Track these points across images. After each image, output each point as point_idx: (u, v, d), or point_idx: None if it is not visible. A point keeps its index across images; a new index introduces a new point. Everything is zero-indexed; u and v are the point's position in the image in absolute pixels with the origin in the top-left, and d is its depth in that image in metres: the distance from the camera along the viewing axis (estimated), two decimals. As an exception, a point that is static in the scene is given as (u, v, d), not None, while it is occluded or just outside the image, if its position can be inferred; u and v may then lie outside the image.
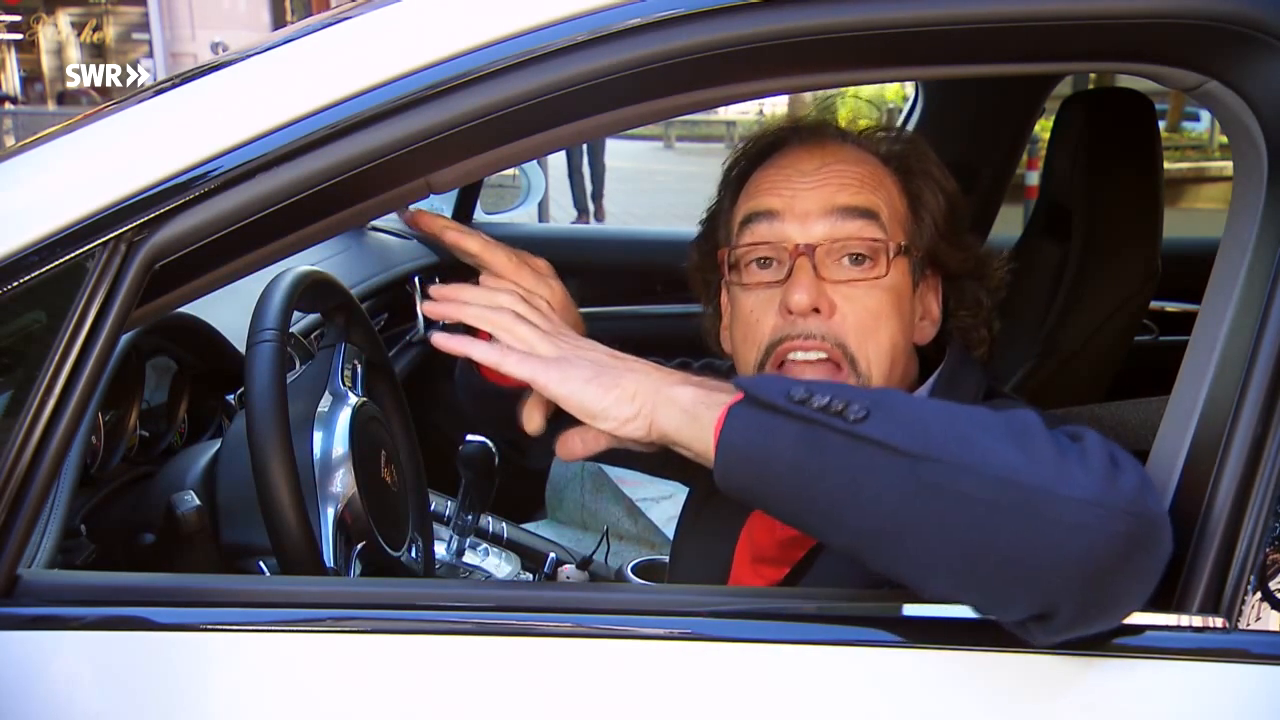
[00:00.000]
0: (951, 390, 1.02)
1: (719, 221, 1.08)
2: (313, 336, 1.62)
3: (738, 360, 1.03)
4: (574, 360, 0.84)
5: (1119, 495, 0.69)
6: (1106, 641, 0.76)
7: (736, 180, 1.06)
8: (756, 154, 1.06)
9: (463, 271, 0.99)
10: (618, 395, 0.81)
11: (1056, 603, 0.71)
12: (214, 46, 13.95)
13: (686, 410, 0.80)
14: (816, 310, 0.95)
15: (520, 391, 0.93)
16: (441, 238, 0.97)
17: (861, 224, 0.97)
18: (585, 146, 8.84)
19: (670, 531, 2.97)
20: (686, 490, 1.25)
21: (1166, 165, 1.89)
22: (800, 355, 0.95)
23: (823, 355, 0.95)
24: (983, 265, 1.06)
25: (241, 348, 1.12)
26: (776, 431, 0.75)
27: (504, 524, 1.97)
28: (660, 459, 1.00)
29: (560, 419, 0.95)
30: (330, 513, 1.11)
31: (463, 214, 2.57)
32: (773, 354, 0.97)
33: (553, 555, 1.96)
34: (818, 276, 0.96)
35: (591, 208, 9.13)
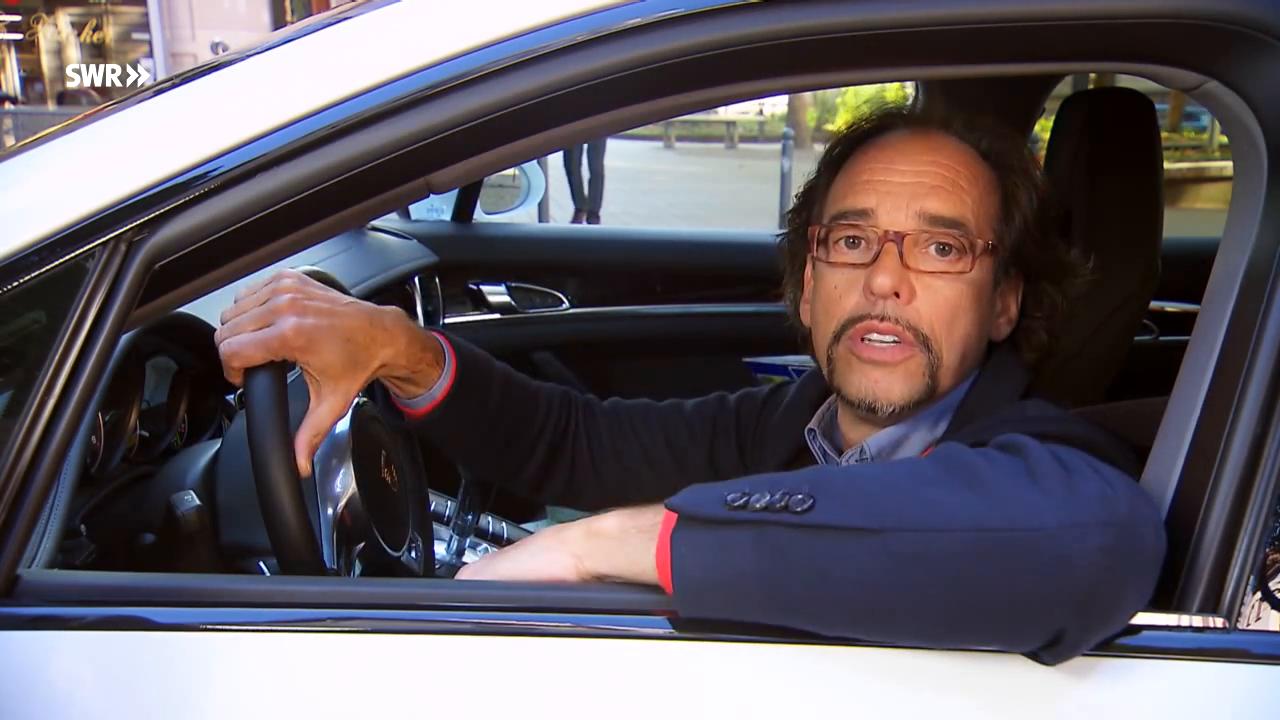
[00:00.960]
0: (993, 387, 1.05)
1: (814, 197, 1.12)
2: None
3: (815, 331, 1.08)
4: None
5: (1085, 510, 0.69)
6: (1107, 641, 0.76)
7: (837, 160, 1.10)
8: (859, 137, 1.09)
9: (462, 271, 0.99)
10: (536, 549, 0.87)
11: (1059, 629, 0.71)
12: (214, 46, 13.95)
13: (614, 538, 0.82)
14: (897, 294, 0.99)
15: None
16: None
17: (949, 230, 1.00)
18: (585, 147, 8.84)
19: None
20: None
21: (1166, 165, 1.88)
22: (876, 338, 1.00)
23: (896, 339, 1.00)
24: (1065, 270, 1.09)
25: (242, 348, 1.12)
26: (729, 547, 0.73)
27: (504, 524, 1.97)
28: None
29: None
30: (330, 513, 1.11)
31: (463, 214, 2.58)
32: (850, 329, 1.01)
33: (553, 555, 1.95)
34: (903, 263, 0.99)
35: (587, 207, 9.11)
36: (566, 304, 2.54)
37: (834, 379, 1.05)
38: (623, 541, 0.81)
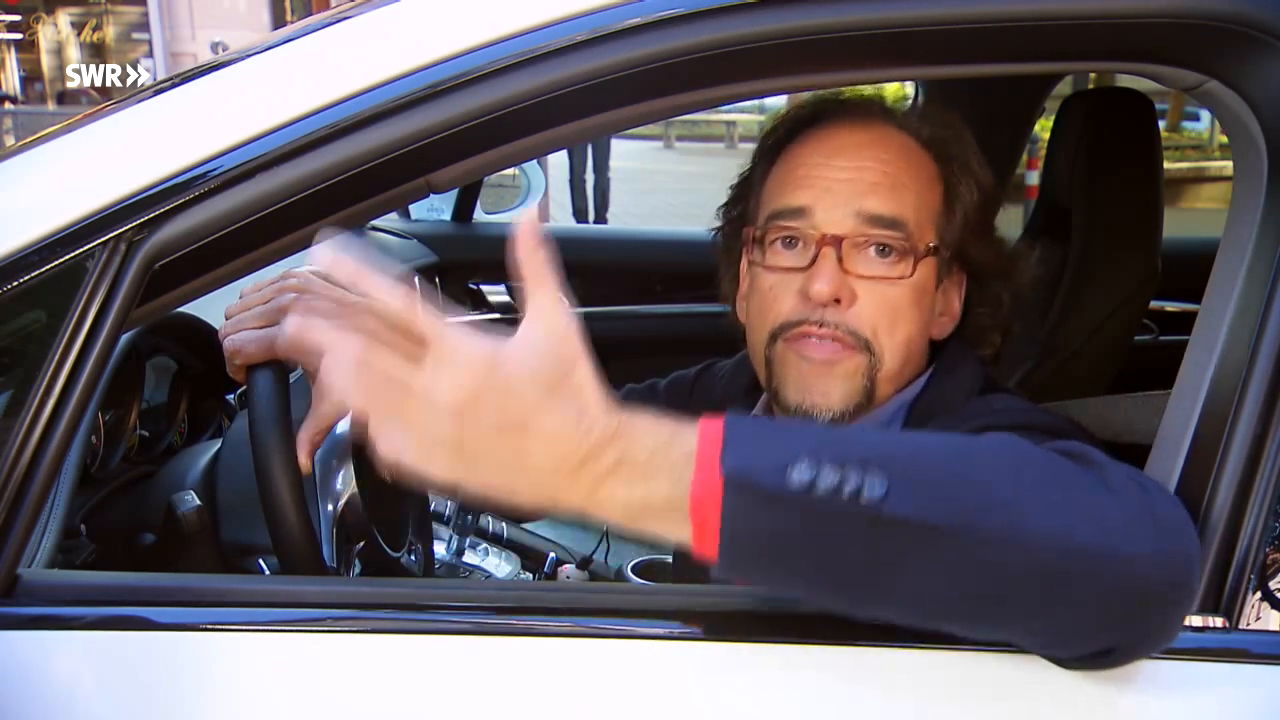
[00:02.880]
0: (948, 383, 1.01)
1: (749, 190, 1.08)
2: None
3: (749, 331, 1.04)
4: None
5: (1166, 539, 0.66)
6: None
7: (772, 150, 1.05)
8: (796, 125, 1.04)
9: (462, 271, 0.99)
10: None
11: (1110, 648, 0.70)
12: (214, 46, 13.94)
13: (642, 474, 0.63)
14: (837, 300, 0.95)
15: None
16: None
17: (888, 232, 0.96)
18: (591, 159, 8.81)
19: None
20: None
21: (1166, 165, 1.88)
22: (815, 343, 0.96)
23: (836, 344, 0.96)
24: (1009, 264, 1.06)
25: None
26: (787, 531, 0.63)
27: (504, 524, 1.97)
28: None
29: None
30: (330, 512, 1.11)
31: (463, 214, 2.58)
32: (786, 333, 0.98)
33: (553, 555, 1.95)
34: (841, 267, 0.96)
35: (593, 219, 9.05)
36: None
37: (770, 382, 1.01)
38: (651, 479, 0.63)
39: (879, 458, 0.63)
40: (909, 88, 2.56)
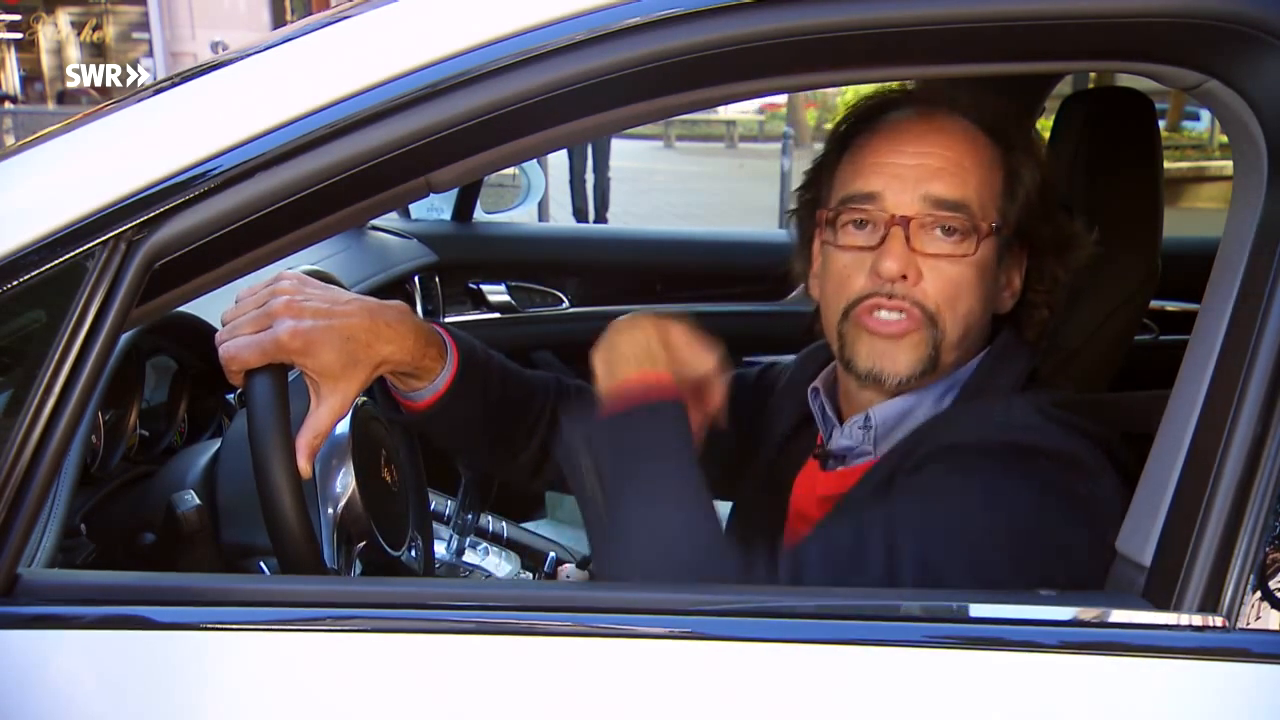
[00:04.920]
0: (996, 367, 1.08)
1: (822, 176, 1.14)
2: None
3: (824, 307, 1.11)
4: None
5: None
6: (1107, 641, 0.77)
7: (843, 139, 1.12)
8: (864, 115, 1.11)
9: (462, 271, 1.00)
10: None
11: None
12: (214, 46, 13.94)
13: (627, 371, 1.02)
14: (904, 276, 1.02)
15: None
16: None
17: (953, 214, 1.02)
18: (591, 159, 8.81)
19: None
20: None
21: (1166, 164, 1.88)
22: (884, 314, 1.03)
23: (902, 315, 1.03)
24: (1068, 243, 1.12)
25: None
26: (634, 443, 0.97)
27: (504, 523, 1.97)
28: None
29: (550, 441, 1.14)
30: (330, 512, 1.11)
31: (463, 213, 2.58)
32: (858, 307, 1.04)
33: (553, 554, 1.96)
34: (909, 246, 1.02)
35: (593, 218, 9.05)
36: (566, 303, 2.54)
37: (843, 352, 1.08)
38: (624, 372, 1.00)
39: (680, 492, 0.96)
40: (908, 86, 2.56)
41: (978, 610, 0.79)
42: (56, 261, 0.80)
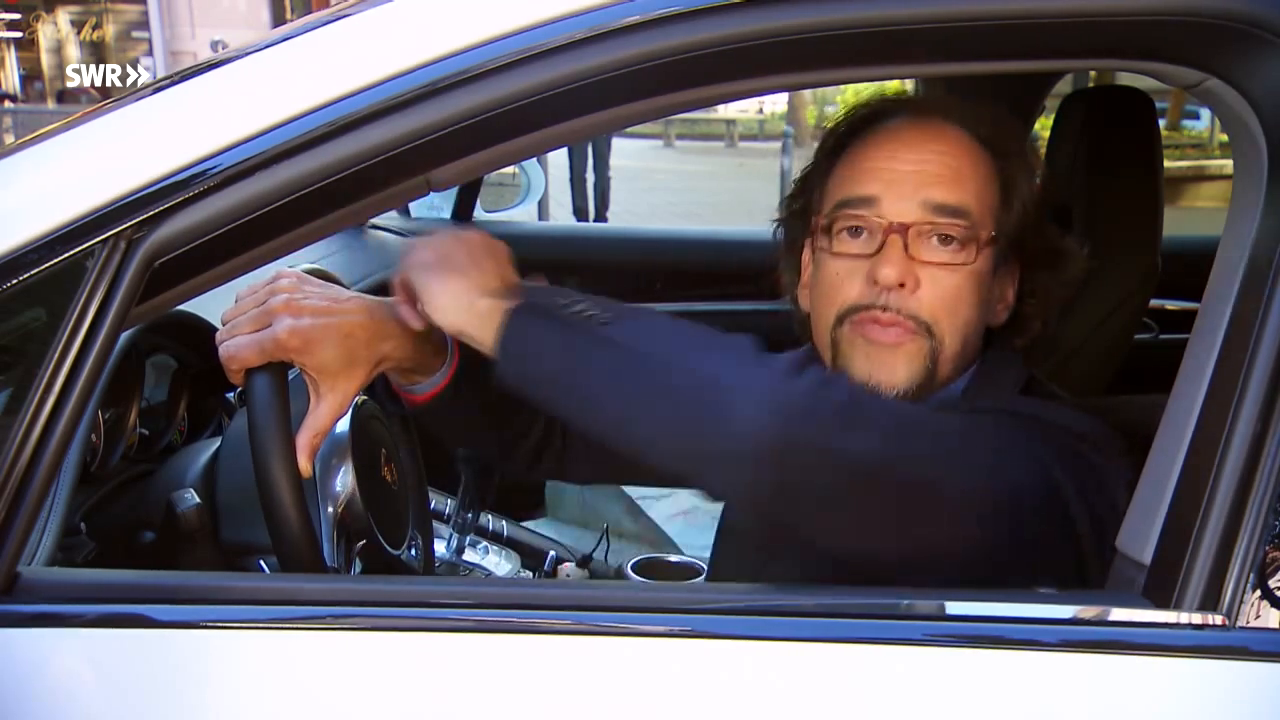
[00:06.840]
0: (989, 382, 1.07)
1: (813, 184, 1.12)
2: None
3: (814, 316, 1.09)
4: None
5: (789, 392, 0.83)
6: (1107, 639, 0.77)
7: (836, 146, 1.10)
8: (858, 122, 1.09)
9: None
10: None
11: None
12: (214, 45, 13.93)
13: (470, 305, 0.94)
14: (902, 284, 1.00)
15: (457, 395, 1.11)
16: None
17: (952, 220, 1.01)
18: (591, 158, 8.81)
19: (670, 529, 2.96)
20: (686, 490, 1.28)
21: (1166, 163, 1.88)
22: (880, 328, 1.01)
23: (900, 328, 1.01)
24: (1060, 258, 1.11)
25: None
26: (545, 337, 0.90)
27: (504, 522, 1.97)
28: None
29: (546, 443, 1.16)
30: (330, 511, 1.11)
31: (462, 212, 2.57)
32: (853, 316, 1.03)
33: (553, 553, 1.96)
34: (906, 254, 1.00)
35: (593, 217, 9.04)
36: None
37: (836, 362, 1.06)
38: (473, 307, 0.94)
39: (620, 310, 0.91)
40: (909, 85, 2.56)
41: (978, 609, 0.79)
42: (56, 260, 0.80)
